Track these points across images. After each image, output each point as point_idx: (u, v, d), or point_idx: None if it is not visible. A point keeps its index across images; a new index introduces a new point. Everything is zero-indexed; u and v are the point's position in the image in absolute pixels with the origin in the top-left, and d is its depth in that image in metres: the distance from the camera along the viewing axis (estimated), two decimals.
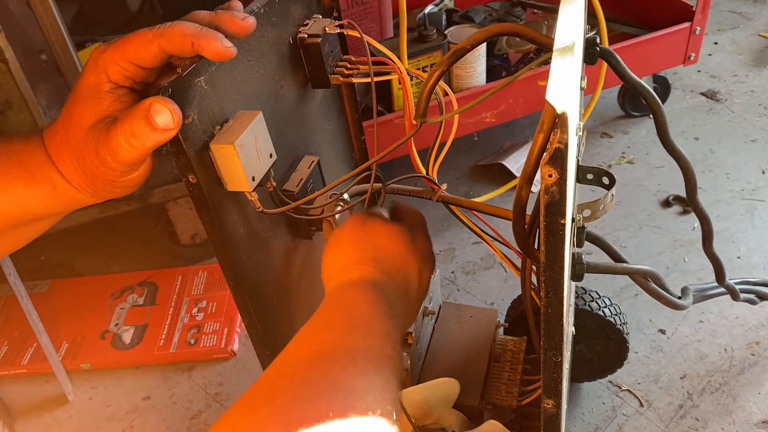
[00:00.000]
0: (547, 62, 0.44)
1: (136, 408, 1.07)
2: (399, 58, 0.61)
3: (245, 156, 0.49)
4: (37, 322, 1.02)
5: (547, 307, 0.48)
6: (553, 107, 0.38)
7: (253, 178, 0.51)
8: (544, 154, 0.39)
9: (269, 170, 0.54)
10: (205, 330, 1.16)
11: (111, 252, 1.38)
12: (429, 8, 1.45)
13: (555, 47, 0.44)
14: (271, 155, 0.54)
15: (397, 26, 1.34)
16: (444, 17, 1.42)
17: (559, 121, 0.37)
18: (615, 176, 0.55)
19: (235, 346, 1.14)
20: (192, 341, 1.14)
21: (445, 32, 1.22)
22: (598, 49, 0.56)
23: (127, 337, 1.17)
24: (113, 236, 1.40)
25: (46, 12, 0.96)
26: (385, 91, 1.22)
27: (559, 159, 0.38)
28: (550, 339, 0.50)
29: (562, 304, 0.47)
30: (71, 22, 1.80)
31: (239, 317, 1.18)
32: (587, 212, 0.52)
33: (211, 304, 1.21)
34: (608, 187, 0.55)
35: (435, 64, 1.21)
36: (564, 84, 0.40)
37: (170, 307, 1.22)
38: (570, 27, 0.46)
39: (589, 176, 0.58)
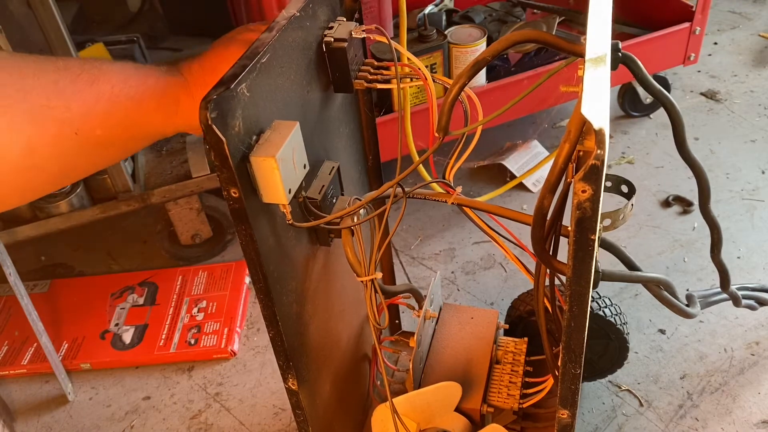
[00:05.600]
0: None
1: (136, 408, 1.07)
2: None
3: (284, 168, 0.48)
4: (37, 322, 1.02)
5: (571, 320, 0.48)
6: (584, 118, 0.37)
7: (290, 191, 0.50)
8: (580, 170, 0.38)
9: (302, 181, 0.53)
10: (205, 330, 1.16)
11: (111, 252, 1.38)
12: (429, 8, 1.45)
13: (587, 57, 0.43)
14: (305, 166, 0.53)
15: (397, 26, 1.34)
16: (444, 17, 1.42)
17: (596, 138, 0.36)
18: (635, 185, 0.55)
19: (235, 346, 1.14)
20: (192, 341, 1.14)
21: (445, 32, 1.22)
22: (620, 54, 0.55)
23: (127, 337, 1.17)
24: (113, 236, 1.40)
25: (46, 12, 0.96)
26: (386, 91, 1.22)
27: (594, 175, 0.38)
28: (570, 351, 0.50)
29: (586, 318, 0.47)
30: (71, 22, 1.80)
31: (239, 317, 1.18)
32: (607, 221, 0.51)
33: (211, 304, 1.21)
34: (628, 196, 0.55)
35: (435, 65, 1.21)
36: (599, 97, 0.39)
37: (170, 307, 1.22)
38: (600, 35, 0.45)
39: (608, 184, 0.58)
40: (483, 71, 1.26)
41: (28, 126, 0.43)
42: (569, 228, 0.43)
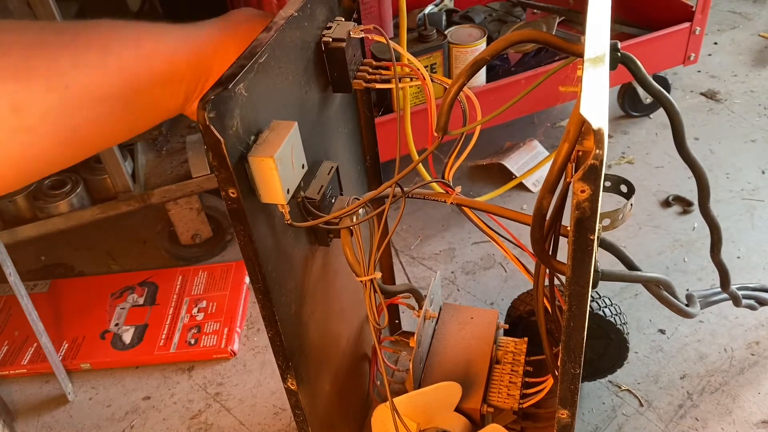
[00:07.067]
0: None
1: (136, 408, 1.07)
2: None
3: (282, 168, 0.48)
4: (37, 322, 1.02)
5: (570, 320, 0.48)
6: (583, 118, 0.37)
7: (288, 191, 0.50)
8: (579, 170, 0.38)
9: (300, 181, 0.53)
10: (205, 330, 1.16)
11: (111, 252, 1.38)
12: (429, 8, 1.45)
13: (586, 57, 0.43)
14: (303, 166, 0.53)
15: (397, 26, 1.34)
16: (444, 17, 1.42)
17: (595, 137, 0.37)
18: (634, 185, 0.55)
19: (235, 346, 1.14)
20: (192, 341, 1.14)
21: (445, 32, 1.22)
22: (619, 54, 0.55)
23: (127, 337, 1.17)
24: (113, 236, 1.41)
25: (46, 12, 0.96)
26: (385, 90, 1.22)
27: (592, 175, 0.38)
28: (570, 351, 0.50)
29: (586, 318, 0.47)
30: None
31: (239, 317, 1.18)
32: (606, 221, 0.51)
33: (211, 304, 1.21)
34: (627, 196, 0.55)
35: (435, 65, 1.21)
36: (598, 97, 0.39)
37: (170, 307, 1.22)
38: (599, 34, 0.45)
39: (607, 184, 0.58)
40: (483, 71, 1.26)
41: (11, 83, 0.39)
42: (569, 228, 0.43)
